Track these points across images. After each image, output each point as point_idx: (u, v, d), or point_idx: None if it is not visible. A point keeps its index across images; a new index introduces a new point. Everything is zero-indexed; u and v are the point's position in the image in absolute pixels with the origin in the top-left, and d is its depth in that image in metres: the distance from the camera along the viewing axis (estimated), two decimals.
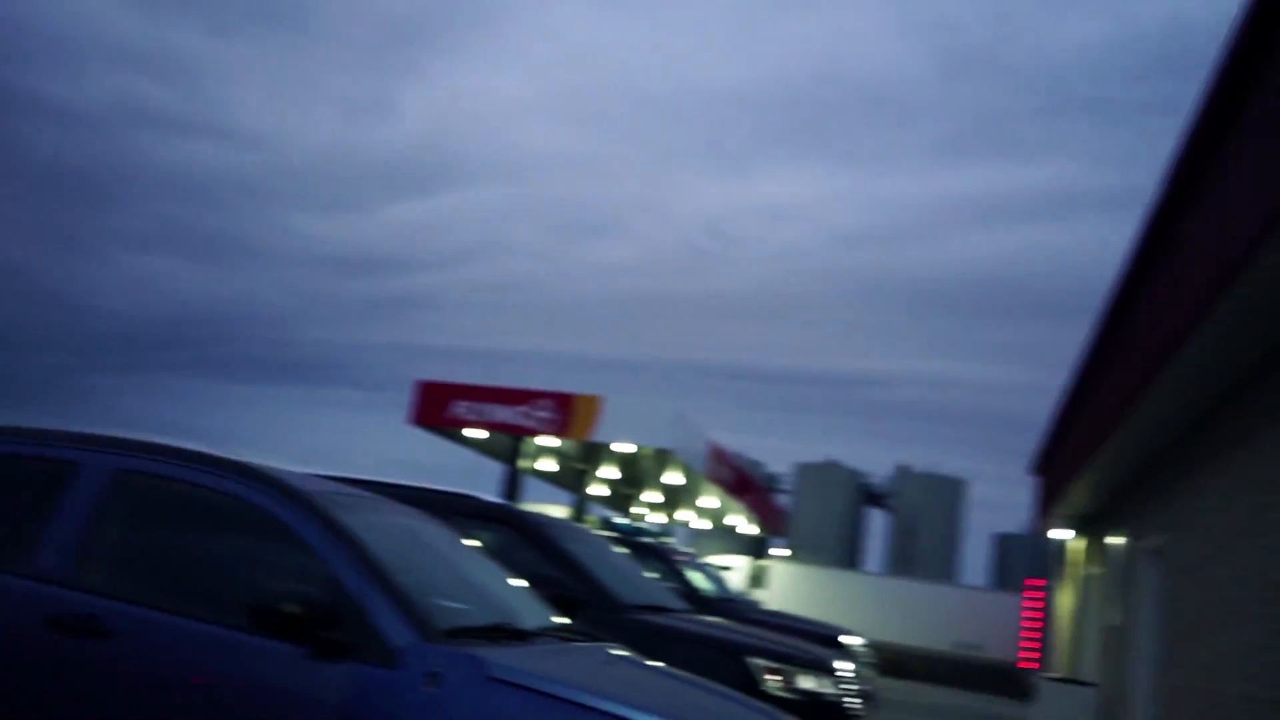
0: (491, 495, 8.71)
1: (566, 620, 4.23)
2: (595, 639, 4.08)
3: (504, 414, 15.88)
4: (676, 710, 3.18)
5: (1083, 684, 12.03)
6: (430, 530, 4.14)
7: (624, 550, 7.92)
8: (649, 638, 5.89)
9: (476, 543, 5.81)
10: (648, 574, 8.18)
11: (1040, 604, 22.10)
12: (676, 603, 7.23)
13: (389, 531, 3.65)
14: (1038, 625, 22.08)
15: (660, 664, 4.15)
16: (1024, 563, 34.20)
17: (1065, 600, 16.05)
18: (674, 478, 19.43)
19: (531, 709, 2.81)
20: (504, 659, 3.00)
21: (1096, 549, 13.12)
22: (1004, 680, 28.33)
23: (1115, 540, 11.53)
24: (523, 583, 4.42)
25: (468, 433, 16.81)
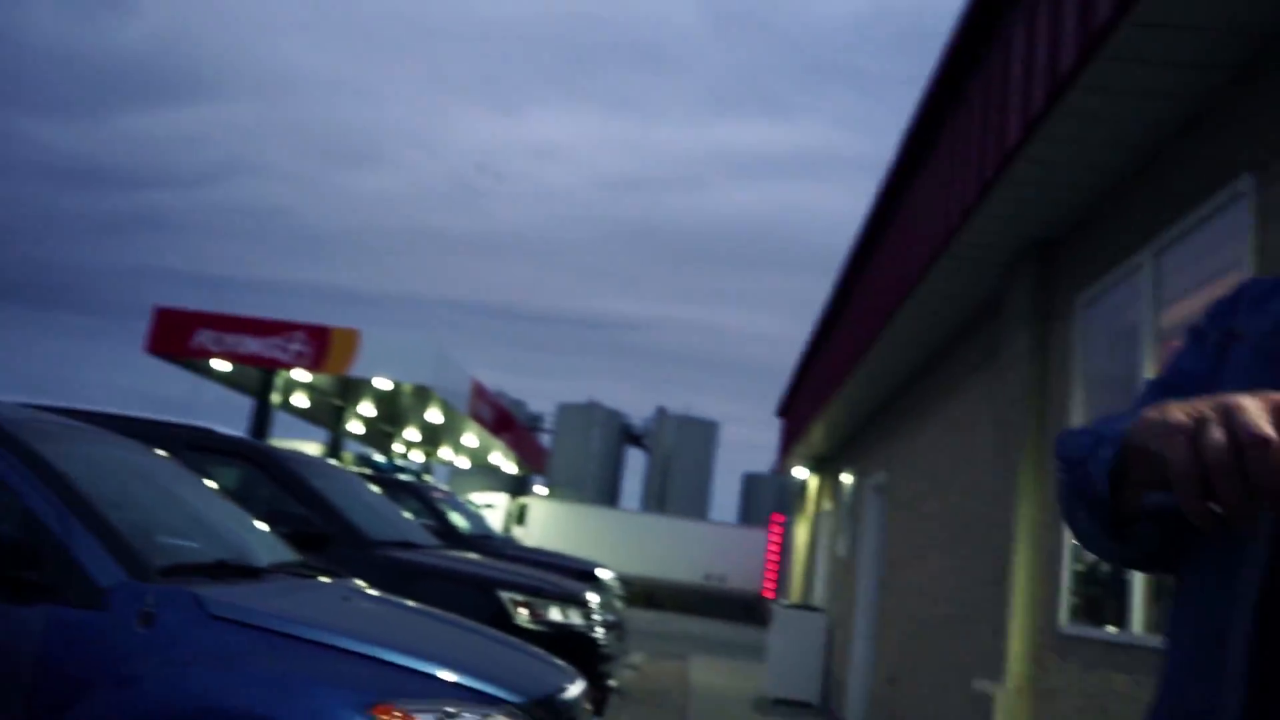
0: (237, 431, 8.29)
1: (304, 557, 4.13)
2: (336, 575, 4.01)
3: (254, 346, 15.06)
4: (410, 643, 3.18)
5: (814, 609, 13.03)
6: (155, 464, 3.91)
7: (377, 487, 7.78)
8: (398, 574, 5.84)
9: (212, 479, 5.54)
10: (402, 511, 8.08)
11: (781, 538, 23.67)
12: (429, 539, 7.20)
13: (104, 465, 3.41)
14: (779, 558, 23.64)
15: (404, 600, 4.14)
16: (769, 500, 36.43)
17: (803, 534, 17.27)
18: (434, 415, 19.20)
19: (254, 646, 2.74)
20: (227, 596, 2.90)
21: (830, 486, 14.18)
22: (749, 609, 30.26)
23: (846, 478, 12.49)
24: (257, 519, 4.27)
25: (215, 364, 15.86)
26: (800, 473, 17.11)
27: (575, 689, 3.64)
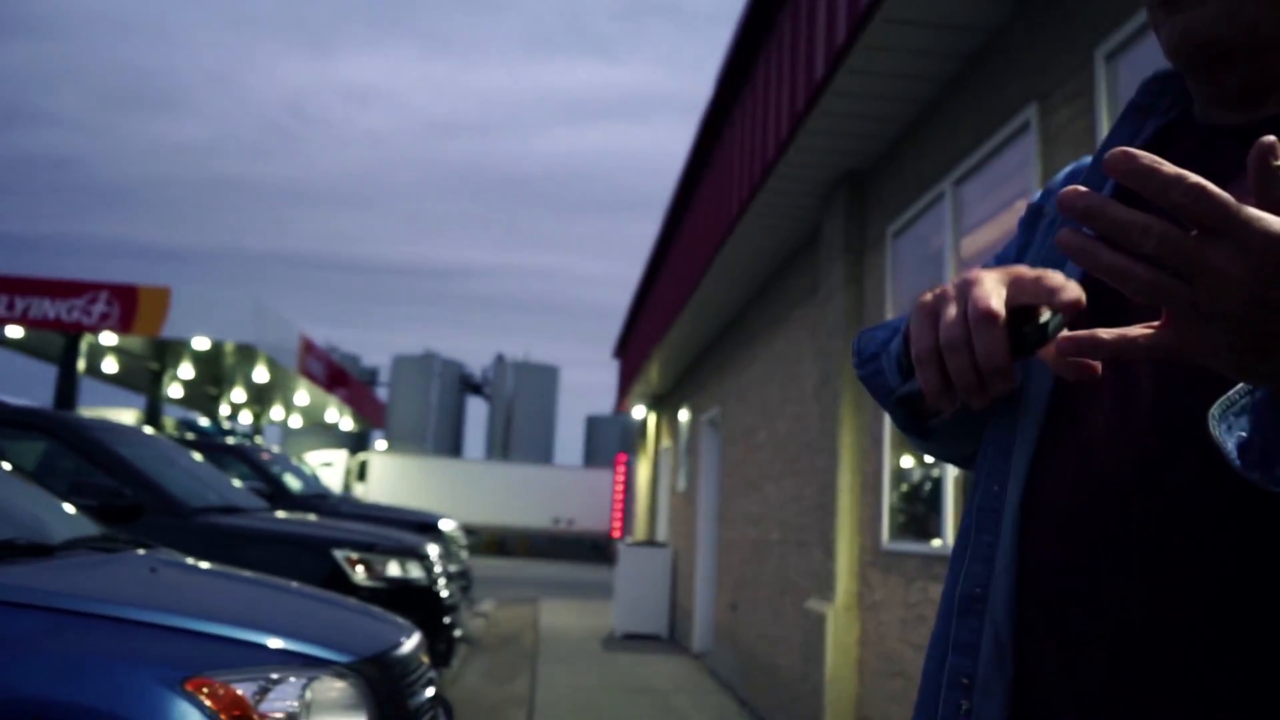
0: (32, 401, 7.69)
1: (108, 530, 3.87)
2: (146, 546, 3.78)
3: (52, 309, 13.96)
4: (227, 611, 3.04)
5: (658, 545, 13.30)
6: None
7: (198, 453, 7.39)
8: (223, 540, 5.59)
9: (8, 454, 5.11)
10: (229, 476, 7.71)
11: (625, 478, 24.01)
12: (255, 503, 6.91)
13: None
14: (624, 497, 24.01)
15: (227, 567, 3.95)
16: (613, 441, 36.90)
17: (645, 472, 17.55)
18: (261, 374, 18.39)
19: (44, 628, 2.54)
20: (10, 578, 2.67)
21: (668, 424, 14.43)
22: (598, 550, 30.70)
23: (683, 415, 12.73)
24: (62, 493, 3.97)
25: (8, 331, 14.64)
26: (639, 412, 17.34)
27: (410, 644, 3.57)
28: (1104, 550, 0.79)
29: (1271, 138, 0.58)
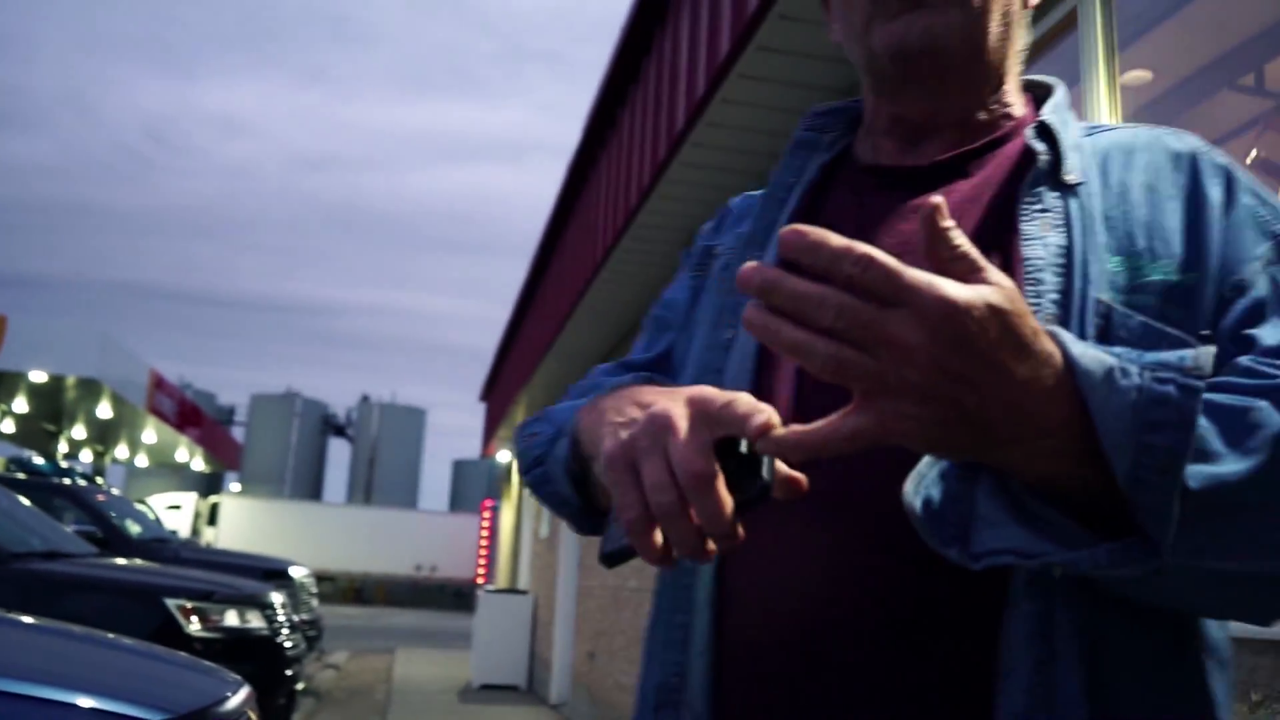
0: None
1: None
2: None
3: None
4: (34, 667, 2.81)
5: (519, 592, 13.09)
6: None
7: (20, 494, 6.91)
8: (42, 589, 5.23)
9: None
10: (59, 519, 7.24)
11: (491, 523, 23.64)
12: (83, 548, 6.48)
13: None
14: (490, 543, 23.62)
15: (35, 618, 3.67)
16: (480, 486, 36.35)
17: (508, 518, 17.33)
18: (105, 410, 17.41)
19: None
20: None
21: None
22: (461, 597, 30.02)
23: None
24: None
25: None
26: (505, 456, 17.14)
27: (238, 698, 3.37)
28: (813, 630, 0.76)
29: (938, 198, 0.57)
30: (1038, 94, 0.95)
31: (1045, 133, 0.86)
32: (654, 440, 0.63)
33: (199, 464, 27.07)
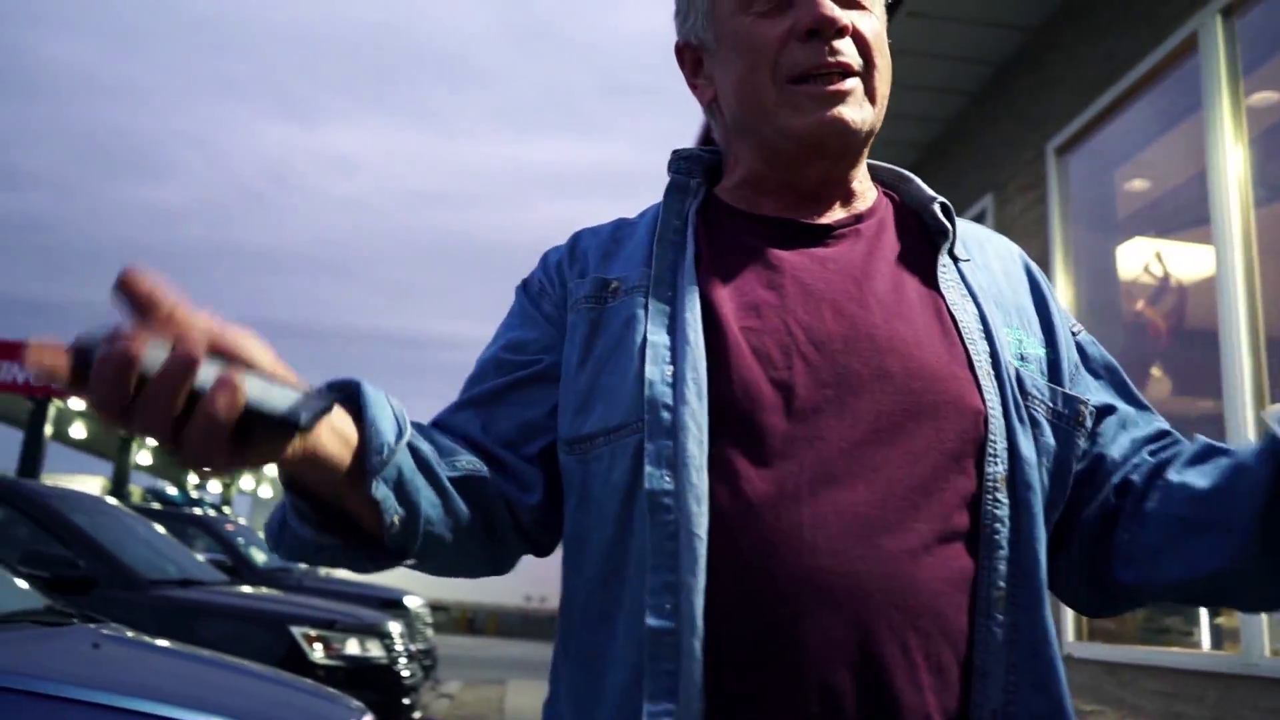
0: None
1: (54, 603, 3.79)
2: (91, 620, 3.70)
3: (20, 373, 13.83)
4: (168, 690, 2.97)
5: None
6: None
7: (158, 523, 7.28)
8: (176, 614, 5.47)
9: None
10: (191, 547, 7.59)
11: None
12: (214, 576, 6.78)
13: None
14: None
15: (177, 643, 3.86)
16: None
17: None
18: None
19: None
20: None
21: None
22: None
23: None
24: (12, 564, 3.89)
25: None
26: None
27: None
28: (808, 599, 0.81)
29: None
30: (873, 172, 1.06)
31: (945, 212, 0.98)
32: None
33: None
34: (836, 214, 0.99)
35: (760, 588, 0.81)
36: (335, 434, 0.77)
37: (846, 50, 0.92)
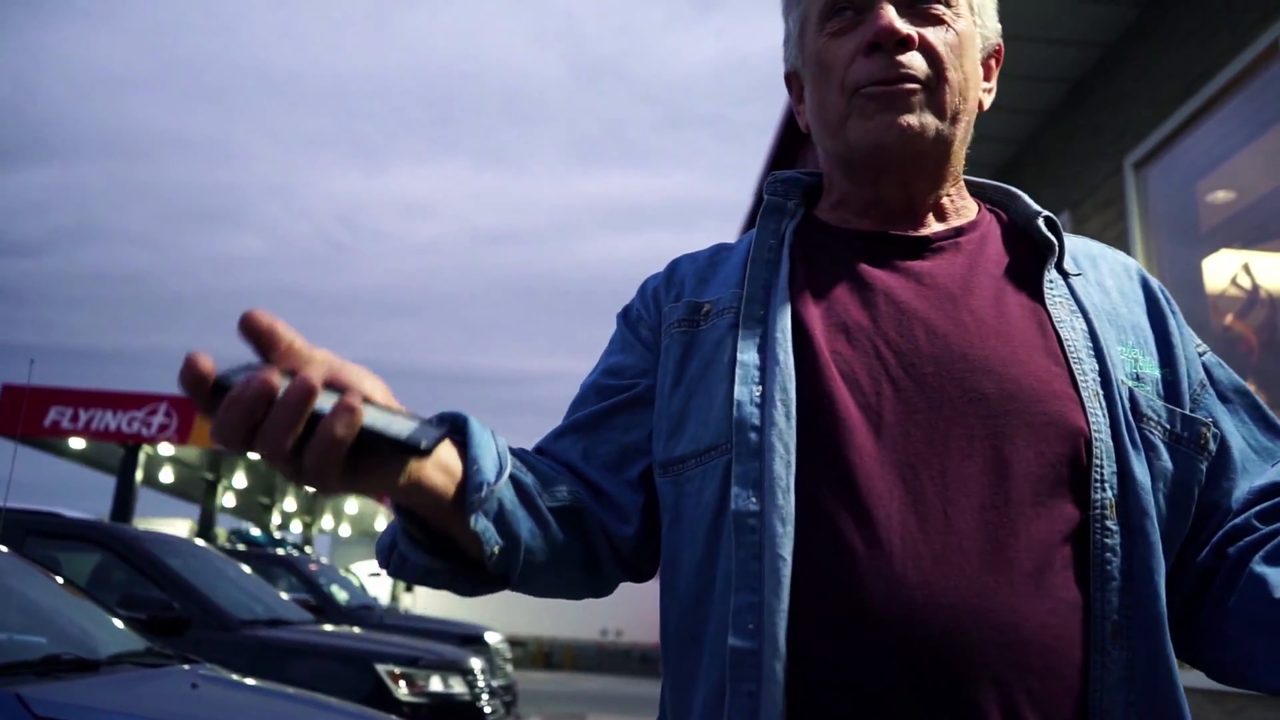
0: (87, 513, 7.84)
1: (154, 644, 3.90)
2: (189, 661, 3.79)
3: (113, 421, 14.32)
4: None
5: None
6: None
7: (245, 564, 7.45)
8: (266, 654, 5.59)
9: (63, 566, 5.20)
10: (275, 587, 7.75)
11: None
12: (300, 615, 6.92)
13: None
14: None
15: (268, 682, 3.94)
16: None
17: None
18: None
19: None
20: (56, 694, 2.70)
21: None
22: (647, 662, 30.00)
23: None
24: (113, 605, 4.02)
25: (72, 443, 15.02)
26: None
27: None
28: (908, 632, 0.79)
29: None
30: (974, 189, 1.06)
31: (1051, 226, 0.97)
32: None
33: None
34: (933, 227, 0.99)
35: (845, 615, 0.79)
36: (440, 467, 0.79)
37: (911, 62, 0.92)
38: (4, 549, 3.81)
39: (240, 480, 18.32)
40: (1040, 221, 0.97)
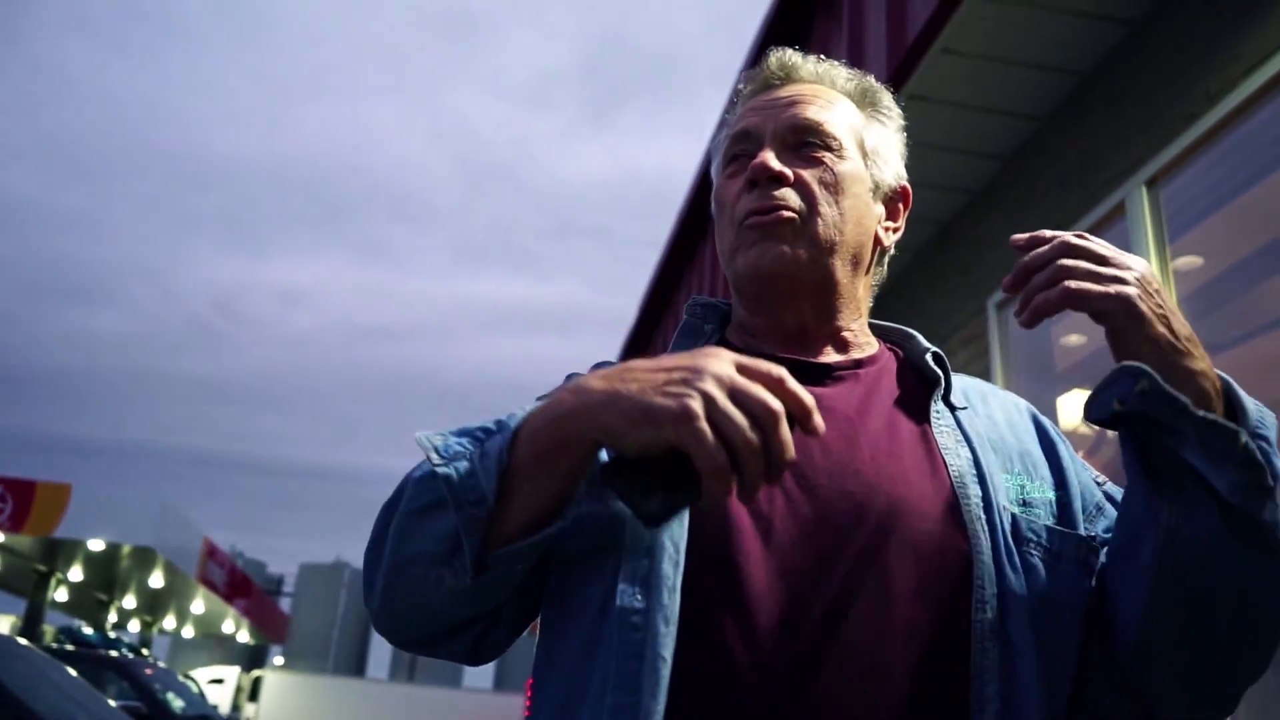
0: None
1: None
2: None
3: None
4: None
5: None
6: None
7: (71, 667, 6.89)
8: None
9: None
10: (104, 693, 7.19)
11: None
12: None
13: None
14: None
15: None
16: (525, 663, 35.37)
17: None
18: (157, 580, 17.45)
19: None
20: None
21: None
22: None
23: None
24: None
25: None
26: None
27: None
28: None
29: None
30: (879, 332, 1.13)
31: (938, 362, 1.05)
32: (718, 385, 0.72)
33: (244, 636, 26.81)
34: (833, 357, 1.05)
35: None
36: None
37: (784, 196, 1.01)
38: None
39: (76, 574, 17.08)
40: (929, 357, 1.05)
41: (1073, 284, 0.82)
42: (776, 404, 0.71)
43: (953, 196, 3.92)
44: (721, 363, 0.74)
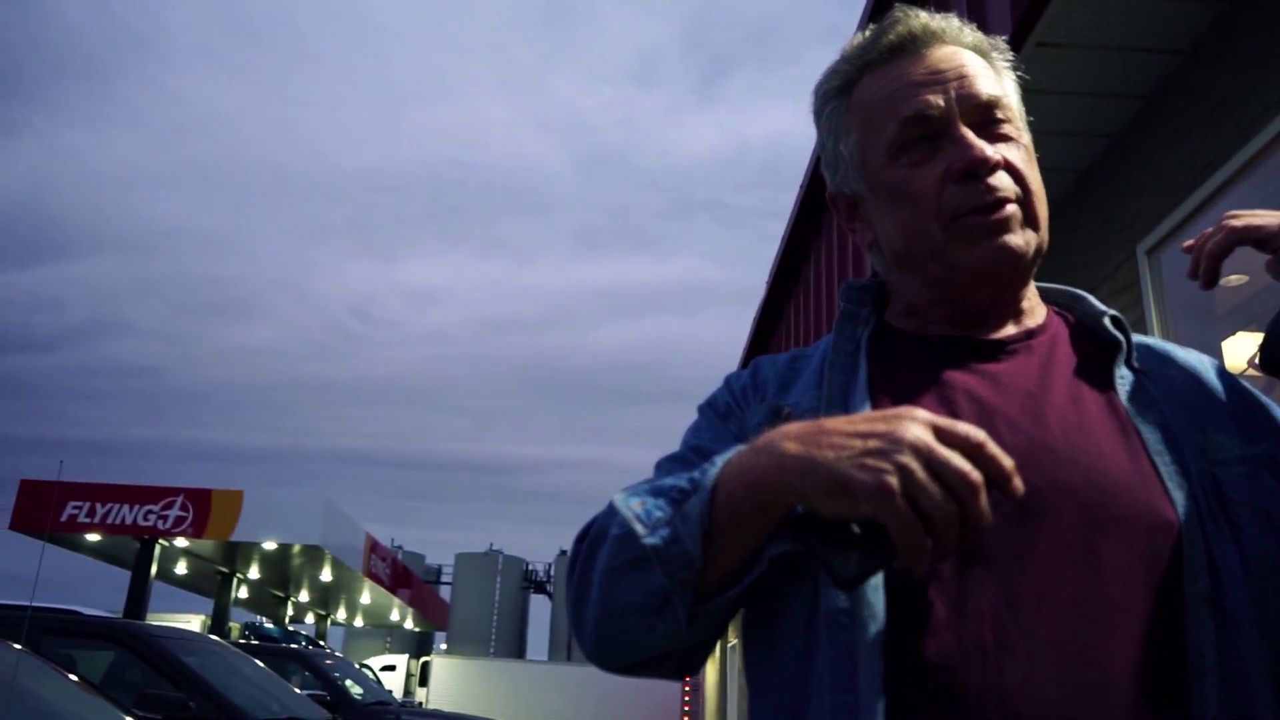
0: (104, 609, 7.79)
1: None
2: None
3: (129, 514, 14.30)
4: None
5: None
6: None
7: (259, 659, 7.36)
8: None
9: (79, 664, 5.16)
10: (289, 682, 7.65)
11: (691, 677, 23.10)
12: (318, 712, 6.81)
13: None
14: (691, 699, 23.03)
15: None
16: None
17: (712, 673, 16.91)
18: (327, 575, 18.42)
19: None
20: None
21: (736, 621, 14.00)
22: None
23: None
24: (129, 705, 3.98)
25: (88, 538, 14.98)
26: None
27: None
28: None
29: None
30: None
31: (1118, 325, 0.99)
32: (914, 455, 0.71)
33: (410, 624, 27.99)
34: (1007, 330, 1.00)
35: (944, 708, 0.78)
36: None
37: (1003, 183, 0.95)
38: (18, 646, 3.79)
39: (254, 573, 18.18)
40: (1107, 320, 1.00)
41: (1238, 222, 0.85)
42: (975, 475, 0.70)
43: (1091, 143, 3.76)
44: (919, 428, 0.73)
